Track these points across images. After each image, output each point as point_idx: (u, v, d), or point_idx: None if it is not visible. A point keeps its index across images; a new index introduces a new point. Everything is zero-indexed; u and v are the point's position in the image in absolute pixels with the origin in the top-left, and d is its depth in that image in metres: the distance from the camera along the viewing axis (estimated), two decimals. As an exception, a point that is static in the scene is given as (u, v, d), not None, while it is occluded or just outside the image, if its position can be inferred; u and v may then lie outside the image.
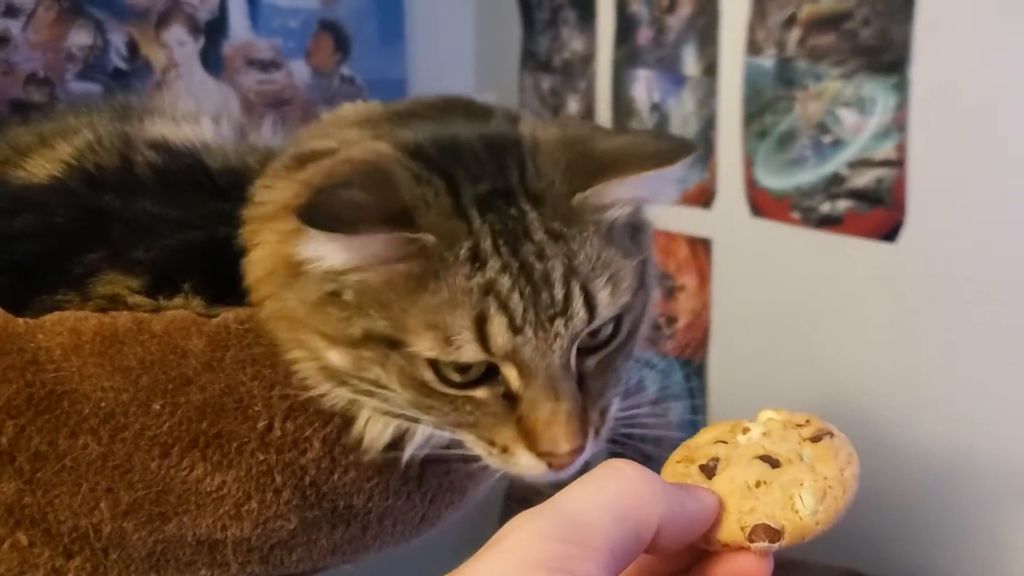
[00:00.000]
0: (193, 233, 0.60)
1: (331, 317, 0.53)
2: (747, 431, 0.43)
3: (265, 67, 1.15)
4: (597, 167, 0.53)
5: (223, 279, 0.59)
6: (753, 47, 0.99)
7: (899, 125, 0.88)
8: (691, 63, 1.06)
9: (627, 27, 1.13)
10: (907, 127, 0.88)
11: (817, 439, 0.42)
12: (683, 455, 0.43)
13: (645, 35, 1.11)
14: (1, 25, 0.96)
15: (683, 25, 1.07)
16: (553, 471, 0.52)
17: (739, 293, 1.06)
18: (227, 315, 0.56)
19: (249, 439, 0.55)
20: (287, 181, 0.57)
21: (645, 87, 1.11)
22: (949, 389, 0.89)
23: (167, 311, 0.57)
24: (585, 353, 0.54)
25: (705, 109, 1.04)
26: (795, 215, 0.98)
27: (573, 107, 1.19)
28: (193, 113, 0.70)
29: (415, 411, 0.53)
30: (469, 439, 0.54)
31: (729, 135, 1.02)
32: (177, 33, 1.09)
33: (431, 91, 0.66)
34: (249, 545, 0.57)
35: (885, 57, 0.88)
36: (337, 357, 0.54)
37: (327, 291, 0.53)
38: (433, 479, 0.61)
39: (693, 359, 1.10)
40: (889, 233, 0.90)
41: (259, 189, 0.58)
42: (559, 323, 0.51)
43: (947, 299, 0.88)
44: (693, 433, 0.45)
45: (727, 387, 1.08)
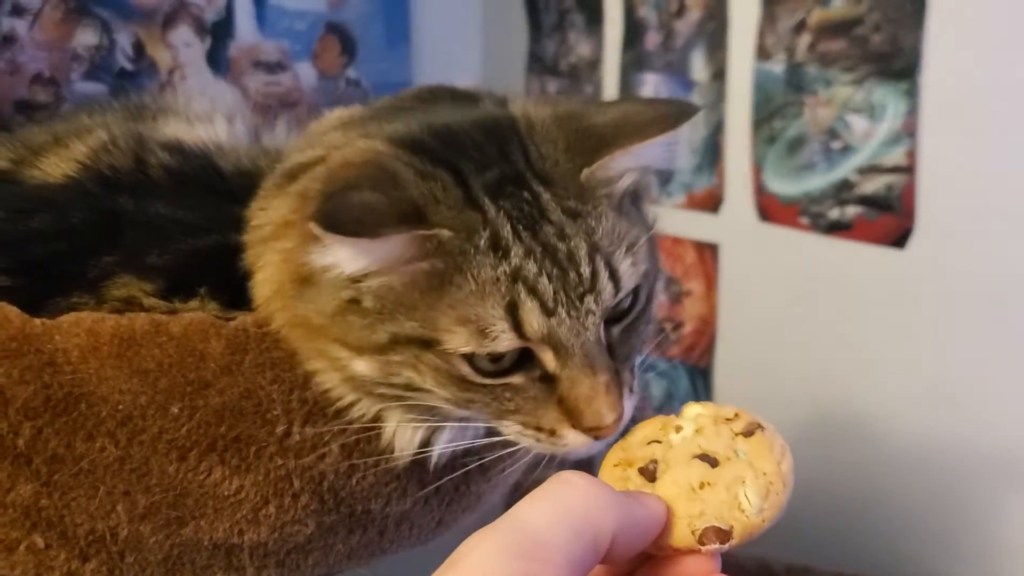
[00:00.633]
0: (206, 237, 0.59)
1: (353, 325, 0.52)
2: (680, 429, 0.43)
3: (271, 69, 1.15)
4: (598, 141, 0.53)
5: (238, 283, 0.59)
6: (763, 52, 0.99)
7: (909, 131, 0.88)
8: (700, 68, 1.06)
9: (635, 31, 1.13)
10: (917, 133, 0.88)
11: (749, 433, 0.43)
12: (619, 457, 0.44)
13: (653, 39, 1.11)
14: (7, 25, 0.96)
15: (692, 30, 1.07)
16: (600, 441, 0.52)
17: (746, 299, 1.06)
18: (245, 318, 0.56)
19: (268, 443, 0.55)
20: (280, 198, 0.56)
21: (653, 91, 1.11)
22: (957, 395, 0.89)
23: (184, 314, 0.57)
24: (610, 323, 0.54)
25: (714, 114, 1.04)
26: (804, 221, 0.98)
27: (580, 111, 1.19)
28: (207, 113, 0.70)
29: (455, 407, 0.53)
30: (515, 429, 0.53)
31: (738, 140, 1.03)
32: (183, 34, 1.09)
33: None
34: (266, 550, 0.57)
35: (895, 63, 0.89)
36: (364, 366, 0.53)
37: (346, 299, 0.52)
38: (450, 483, 0.61)
39: (699, 364, 1.10)
40: (899, 240, 0.90)
41: (255, 213, 0.57)
42: (589, 300, 0.51)
43: (956, 306, 0.88)
44: None
45: (733, 392, 1.07)
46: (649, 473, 0.42)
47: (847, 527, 0.96)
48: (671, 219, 1.06)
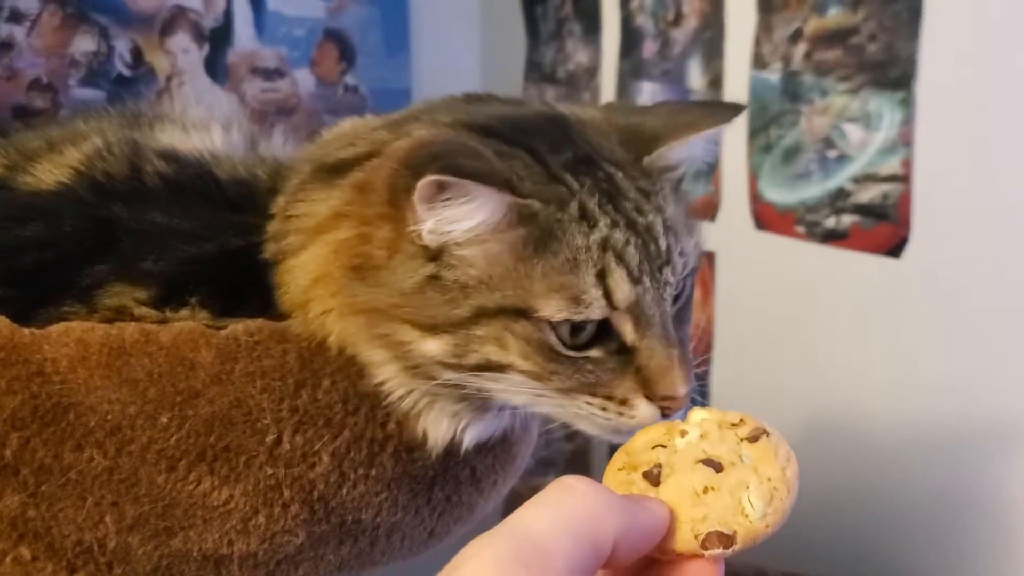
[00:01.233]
0: (203, 245, 0.59)
1: (431, 302, 0.52)
2: (684, 434, 0.43)
3: (269, 75, 1.15)
4: (652, 134, 0.57)
5: (232, 292, 0.58)
6: (759, 61, 0.99)
7: (905, 141, 0.88)
8: (696, 76, 1.06)
9: (632, 39, 1.13)
10: (913, 143, 0.88)
11: (754, 439, 0.42)
12: (623, 461, 0.43)
13: (650, 48, 1.11)
14: (5, 30, 0.96)
15: (689, 38, 1.07)
16: (665, 416, 0.53)
17: (743, 307, 1.05)
18: (236, 327, 0.56)
19: (257, 453, 0.55)
20: (326, 191, 0.56)
21: (650, 99, 1.11)
22: (953, 403, 0.89)
23: (174, 323, 0.56)
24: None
25: (710, 122, 1.04)
26: (800, 229, 0.98)
27: (577, 119, 1.19)
28: (204, 121, 0.70)
29: (534, 381, 0.53)
30: (584, 402, 0.53)
31: (734, 149, 1.02)
32: (182, 40, 1.09)
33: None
34: (256, 560, 0.56)
35: (891, 72, 0.88)
36: (435, 345, 0.53)
37: (426, 275, 0.52)
38: (441, 493, 0.61)
39: (696, 370, 1.10)
40: (894, 249, 0.90)
41: (289, 204, 0.58)
42: (667, 271, 0.54)
43: (952, 315, 0.87)
44: None
45: (729, 399, 1.07)
46: (653, 477, 0.42)
47: (842, 534, 0.96)
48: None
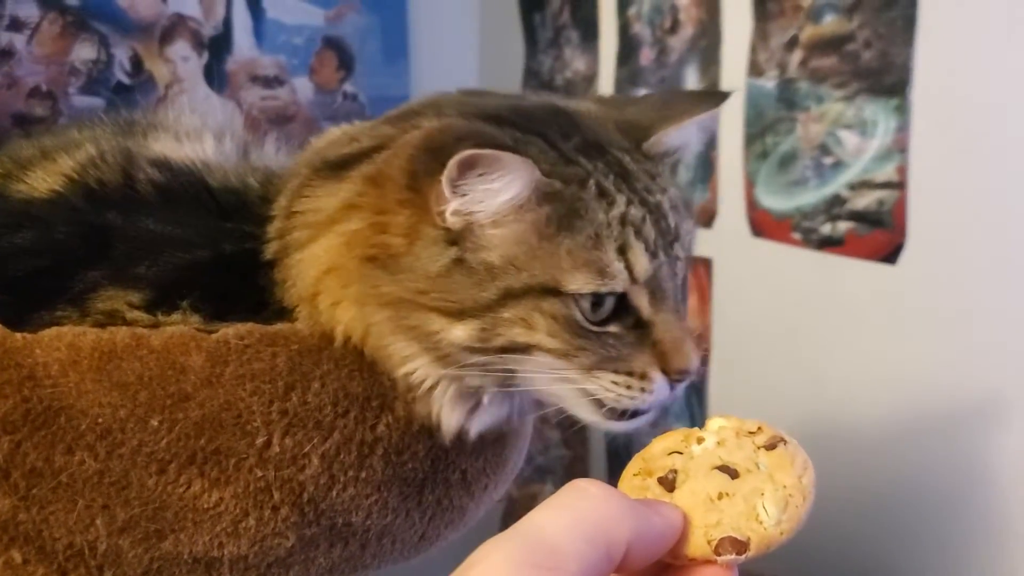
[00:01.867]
0: (196, 251, 0.60)
1: (458, 286, 0.53)
2: (701, 440, 0.43)
3: (269, 83, 1.16)
4: (648, 120, 0.60)
5: (223, 296, 0.59)
6: (755, 68, 1.00)
7: (900, 147, 0.88)
8: (693, 83, 1.06)
9: (629, 47, 1.13)
10: (908, 149, 0.88)
11: (771, 447, 0.42)
12: (639, 467, 0.43)
13: (647, 55, 1.11)
14: (5, 39, 0.97)
15: (685, 46, 1.07)
16: (673, 394, 0.56)
17: (739, 313, 1.06)
18: (227, 331, 0.56)
19: (247, 455, 0.55)
20: (333, 185, 0.57)
21: (647, 106, 1.11)
22: (949, 408, 0.89)
23: (166, 327, 0.57)
24: None
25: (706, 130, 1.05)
26: (796, 236, 0.98)
27: (575, 126, 1.19)
28: (197, 130, 0.70)
29: (561, 360, 0.54)
30: (606, 378, 0.55)
31: (730, 156, 1.03)
32: (181, 48, 1.09)
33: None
34: (246, 563, 0.56)
35: (886, 79, 0.89)
36: (462, 331, 0.53)
37: (451, 259, 0.53)
38: (432, 496, 0.61)
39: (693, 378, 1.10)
40: (890, 255, 0.90)
41: (292, 202, 0.59)
42: (677, 247, 0.57)
43: (947, 321, 0.87)
44: None
45: (727, 406, 1.07)
46: (668, 483, 0.42)
47: (840, 540, 0.96)
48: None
